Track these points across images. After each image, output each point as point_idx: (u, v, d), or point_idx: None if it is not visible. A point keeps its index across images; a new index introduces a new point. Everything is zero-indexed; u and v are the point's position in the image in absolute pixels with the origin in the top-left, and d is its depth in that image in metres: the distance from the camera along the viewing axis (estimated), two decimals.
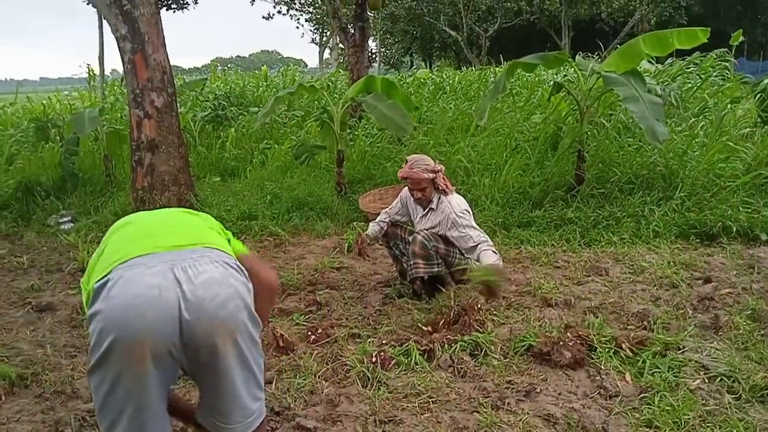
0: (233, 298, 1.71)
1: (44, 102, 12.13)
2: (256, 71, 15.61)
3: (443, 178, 4.11)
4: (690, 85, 8.98)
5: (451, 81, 13.01)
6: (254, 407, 1.84)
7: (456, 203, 4.05)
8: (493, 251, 3.84)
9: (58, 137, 8.69)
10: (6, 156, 8.86)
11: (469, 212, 4.08)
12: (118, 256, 1.71)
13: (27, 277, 5.05)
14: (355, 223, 6.06)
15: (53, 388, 3.18)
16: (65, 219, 6.72)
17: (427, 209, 4.17)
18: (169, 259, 1.69)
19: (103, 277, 1.66)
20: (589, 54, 11.16)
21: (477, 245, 3.87)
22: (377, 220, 4.52)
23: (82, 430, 2.81)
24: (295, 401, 2.97)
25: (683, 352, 3.22)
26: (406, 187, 4.28)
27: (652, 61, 10.62)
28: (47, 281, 4.93)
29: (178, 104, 6.86)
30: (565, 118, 7.02)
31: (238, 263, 1.84)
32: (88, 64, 9.51)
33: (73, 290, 4.63)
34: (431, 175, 4.04)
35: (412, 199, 4.25)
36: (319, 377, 3.18)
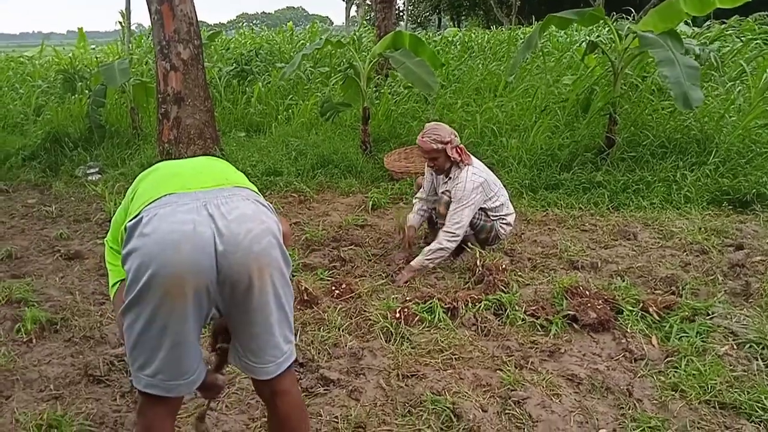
0: (266, 234, 1.70)
1: (72, 54, 12.16)
2: (283, 27, 15.40)
3: (457, 150, 3.98)
4: (729, 48, 8.67)
5: (479, 40, 12.73)
6: (285, 348, 1.84)
7: (471, 178, 3.93)
8: (437, 245, 3.88)
9: (85, 89, 8.72)
10: (34, 107, 8.93)
11: (479, 190, 3.94)
12: (148, 196, 1.69)
13: (56, 226, 5.12)
14: (381, 184, 6.03)
15: (82, 333, 3.24)
16: (93, 170, 6.78)
17: (447, 178, 4.11)
18: (201, 197, 1.67)
19: (134, 217, 1.65)
20: (624, 15, 10.78)
21: (444, 230, 3.91)
22: (415, 209, 4.33)
23: (111, 373, 2.87)
24: (319, 353, 2.99)
25: (712, 317, 3.17)
26: None
27: (689, 24, 10.26)
28: (75, 230, 4.99)
29: (204, 57, 6.81)
30: (597, 80, 6.83)
31: (268, 203, 1.83)
32: (121, 12, 9.43)
33: (100, 239, 4.69)
34: (440, 146, 3.93)
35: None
36: (342, 331, 3.20)
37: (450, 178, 4.08)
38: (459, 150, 4.01)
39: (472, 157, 4.10)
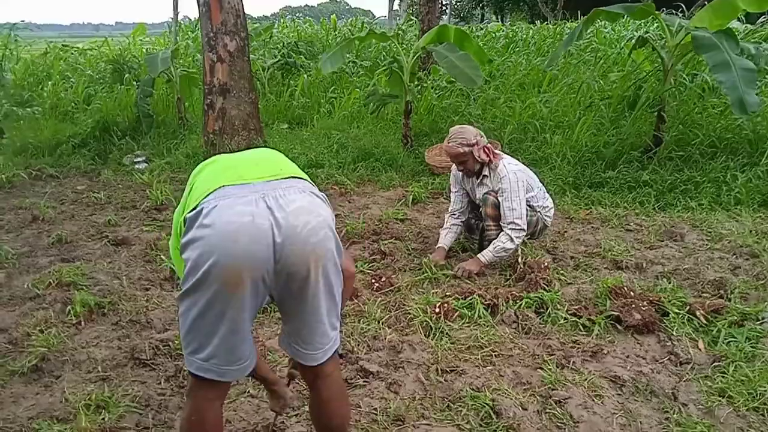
0: (322, 226, 1.73)
1: (121, 45, 12.45)
2: (325, 20, 15.47)
3: (484, 150, 3.93)
4: None
5: (524, 35, 12.56)
6: (332, 335, 1.88)
7: (511, 169, 3.92)
8: (508, 241, 3.82)
9: (133, 80, 8.92)
10: (83, 96, 9.18)
11: (522, 175, 3.93)
12: (205, 188, 1.72)
13: (104, 212, 5.26)
14: (421, 177, 6.00)
15: (129, 317, 3.33)
16: (140, 159, 6.94)
17: (480, 176, 4.06)
18: (259, 189, 1.70)
19: (194, 208, 1.69)
20: (673, 11, 10.49)
21: (506, 225, 3.85)
22: (446, 225, 4.25)
23: (156, 357, 2.94)
24: (358, 345, 3.01)
25: (762, 323, 3.08)
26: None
27: (742, 20, 9.92)
28: (123, 217, 5.12)
29: (249, 49, 6.89)
30: (646, 76, 6.68)
31: (323, 194, 1.85)
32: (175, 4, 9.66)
33: (147, 227, 4.80)
34: (467, 149, 3.90)
35: (460, 174, 4.17)
36: (382, 323, 3.21)
37: (485, 176, 4.03)
38: (486, 150, 3.95)
39: (500, 152, 4.07)
